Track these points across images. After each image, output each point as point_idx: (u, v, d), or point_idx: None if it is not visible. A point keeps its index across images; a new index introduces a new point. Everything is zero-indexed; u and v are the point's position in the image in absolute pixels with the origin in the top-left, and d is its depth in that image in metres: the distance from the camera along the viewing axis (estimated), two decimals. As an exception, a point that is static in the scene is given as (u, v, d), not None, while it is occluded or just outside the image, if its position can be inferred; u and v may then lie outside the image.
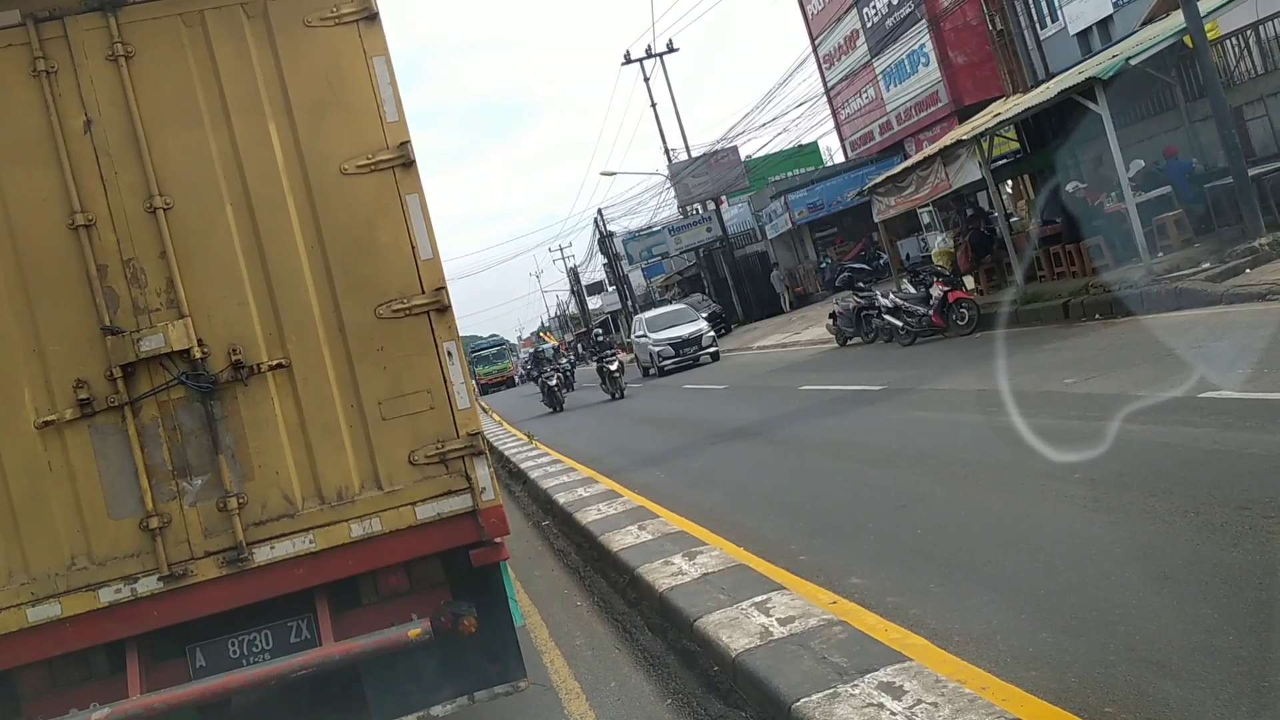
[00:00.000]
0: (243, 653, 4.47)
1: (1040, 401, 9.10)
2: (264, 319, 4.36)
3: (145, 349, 4.22)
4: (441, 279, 4.47)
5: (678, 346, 27.52)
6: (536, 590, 7.60)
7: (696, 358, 27.27)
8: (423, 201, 4.47)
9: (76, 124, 4.30)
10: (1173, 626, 4.01)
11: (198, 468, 4.32)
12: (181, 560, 4.27)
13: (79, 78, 4.31)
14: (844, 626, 4.43)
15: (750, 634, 4.55)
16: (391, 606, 4.56)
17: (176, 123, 4.36)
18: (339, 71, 4.46)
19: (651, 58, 41.28)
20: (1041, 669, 3.93)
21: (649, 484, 10.20)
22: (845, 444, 10.13)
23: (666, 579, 5.81)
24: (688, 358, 27.33)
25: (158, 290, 4.30)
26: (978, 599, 4.89)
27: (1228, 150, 13.11)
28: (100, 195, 4.29)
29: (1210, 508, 5.19)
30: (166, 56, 4.37)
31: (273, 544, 4.32)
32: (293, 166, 4.40)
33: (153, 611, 4.27)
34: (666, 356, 27.51)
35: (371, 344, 4.39)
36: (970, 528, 6.08)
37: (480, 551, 4.51)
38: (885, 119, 31.91)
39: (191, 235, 4.34)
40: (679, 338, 27.74)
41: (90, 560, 4.25)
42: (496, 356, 64.23)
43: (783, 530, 7.18)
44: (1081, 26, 21.99)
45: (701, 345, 27.43)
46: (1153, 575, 4.57)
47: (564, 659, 5.84)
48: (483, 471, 4.47)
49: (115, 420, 4.27)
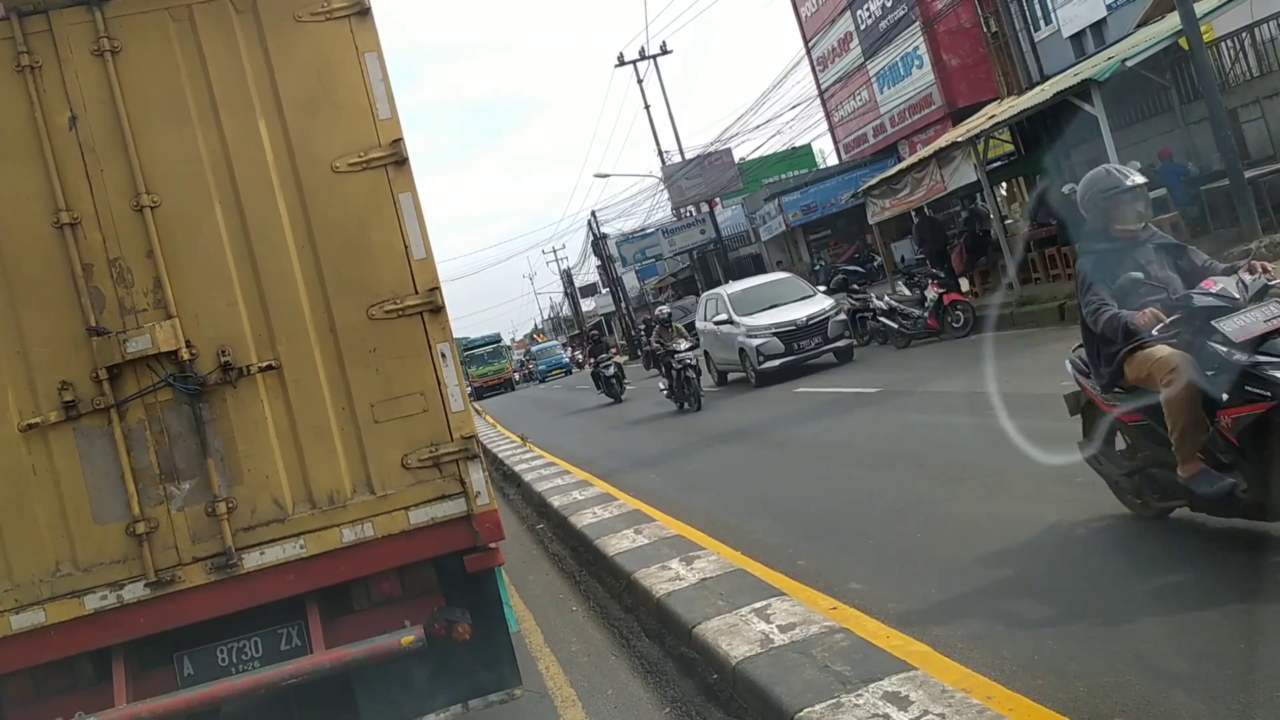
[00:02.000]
0: (232, 660, 4.38)
1: (1038, 404, 8.99)
2: (253, 320, 4.26)
3: (132, 350, 4.12)
4: (435, 279, 4.38)
5: (790, 337, 17.14)
6: (531, 595, 7.51)
7: (816, 353, 17.29)
8: (416, 200, 4.39)
9: (61, 120, 4.21)
10: (1182, 634, 3.93)
11: (185, 471, 4.23)
12: (169, 566, 4.18)
13: (64, 73, 4.22)
14: (846, 634, 4.35)
15: (750, 641, 4.47)
16: (384, 613, 4.47)
17: (164, 119, 4.27)
18: (330, 67, 4.37)
19: (645, 60, 41.19)
20: (1048, 677, 3.85)
21: (644, 487, 10.11)
22: (842, 447, 10.06)
23: (664, 584, 5.72)
24: (806, 354, 17.19)
25: (145, 290, 4.21)
26: (980, 605, 4.81)
27: (1224, 153, 13.08)
28: (86, 193, 4.20)
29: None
30: (154, 51, 4.28)
31: (262, 549, 4.23)
32: (283, 164, 4.31)
33: (139, 618, 4.18)
34: (771, 353, 17.13)
35: (364, 345, 4.31)
36: (971, 532, 6.00)
37: (475, 557, 4.42)
38: (879, 121, 31.92)
39: (179, 234, 4.24)
40: (790, 324, 17.21)
41: (75, 566, 4.16)
42: (492, 356, 57.07)
43: (780, 534, 7.10)
44: (1075, 29, 21.99)
45: (828, 336, 17.18)
46: (1161, 582, 4.50)
47: (559, 666, 5.75)
48: (477, 475, 4.38)
49: (101, 423, 4.17)
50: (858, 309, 18.92)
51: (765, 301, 18.28)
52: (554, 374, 54.77)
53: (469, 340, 56.76)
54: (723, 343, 18.64)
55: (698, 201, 41.60)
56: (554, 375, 54.48)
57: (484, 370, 54.45)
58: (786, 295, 18.51)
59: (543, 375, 55.88)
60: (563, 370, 55.42)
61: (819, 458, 9.82)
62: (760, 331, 17.31)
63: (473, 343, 57.05)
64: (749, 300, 18.57)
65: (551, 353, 60.79)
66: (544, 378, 55.13)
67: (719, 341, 18.90)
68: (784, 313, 17.54)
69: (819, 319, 17.18)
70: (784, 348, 16.98)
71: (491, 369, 55.32)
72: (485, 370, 54.59)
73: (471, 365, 52.51)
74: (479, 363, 54.35)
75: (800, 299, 18.21)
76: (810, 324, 17.08)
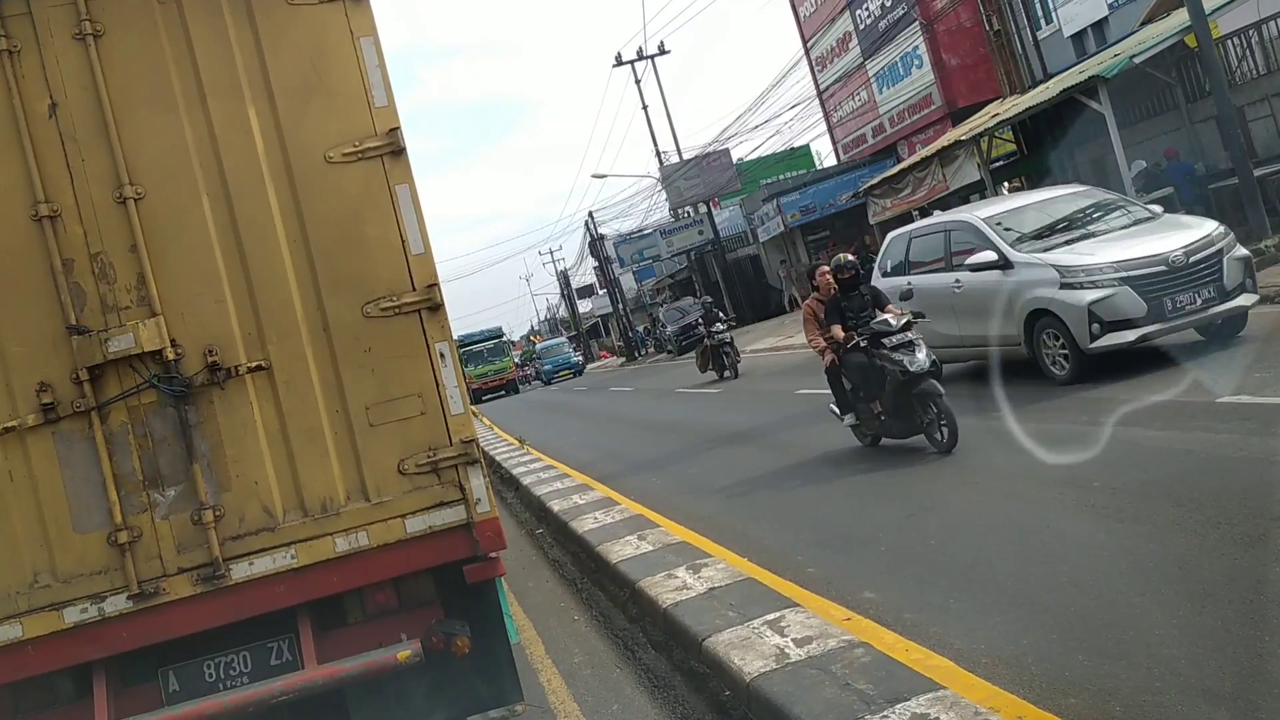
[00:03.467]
0: (219, 676, 4.19)
1: (1048, 405, 8.83)
2: (242, 318, 4.07)
3: (114, 350, 3.93)
4: (434, 275, 4.18)
5: (1154, 287, 8.76)
6: (531, 603, 7.30)
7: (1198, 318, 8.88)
8: (414, 192, 4.18)
9: (41, 107, 4.02)
10: (1221, 650, 3.73)
11: (170, 478, 4.03)
12: (153, 578, 3.99)
13: (44, 58, 4.03)
14: (866, 648, 4.14)
15: (765, 656, 4.26)
16: (379, 626, 4.28)
17: (149, 107, 4.07)
18: (324, 53, 4.17)
19: (643, 60, 41.06)
20: (1081, 695, 3.65)
21: (645, 490, 9.91)
22: (846, 450, 9.84)
23: (670, 593, 5.52)
24: (1182, 318, 8.82)
25: (128, 287, 4.01)
26: (1002, 616, 4.61)
27: (1233, 151, 12.92)
28: (66, 184, 4.00)
29: (1244, 519, 4.92)
30: (138, 35, 4.08)
31: (251, 559, 4.04)
32: (274, 154, 4.11)
33: (122, 632, 4.00)
34: (1119, 316, 8.81)
35: (358, 345, 4.10)
36: (987, 539, 5.81)
37: (475, 567, 4.23)
38: (878, 121, 31.70)
39: (164, 227, 4.05)
40: (1155, 261, 8.80)
41: (54, 577, 3.97)
42: (492, 354, 48.42)
43: (787, 540, 6.90)
44: (1076, 28, 21.81)
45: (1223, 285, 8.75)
46: (1191, 592, 4.30)
47: (562, 678, 5.54)
48: (477, 481, 4.18)
49: (81, 426, 3.98)
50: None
51: (1067, 228, 9.94)
52: (561, 375, 49.28)
53: (467, 336, 48.55)
54: (976, 305, 10.15)
55: (695, 202, 41.43)
56: (561, 376, 48.95)
57: (483, 370, 46.84)
58: (1106, 219, 10.00)
59: (549, 376, 50.21)
60: (570, 371, 49.59)
61: (823, 461, 9.61)
62: (1096, 276, 8.91)
63: (471, 338, 48.56)
64: (1038, 225, 10.06)
65: (558, 351, 54.57)
66: (550, 379, 49.68)
67: (966, 303, 10.38)
68: (1135, 244, 9.20)
69: (1203, 251, 8.87)
70: (1144, 307, 8.73)
71: (492, 368, 47.57)
72: (485, 370, 46.96)
73: (468, 364, 44.70)
74: (477, 361, 46.72)
75: (1137, 225, 9.72)
76: (1193, 263, 8.78)
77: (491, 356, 48.15)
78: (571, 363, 51.04)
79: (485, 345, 48.57)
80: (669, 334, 37.85)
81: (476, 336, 49.27)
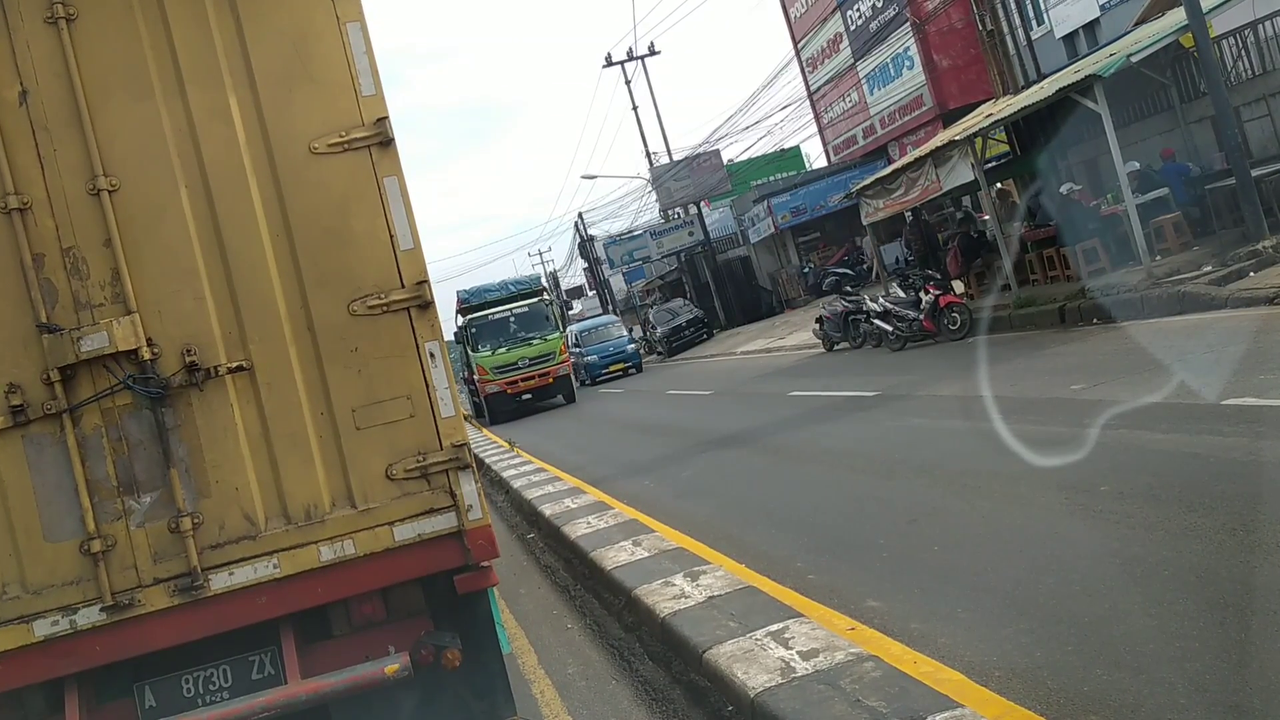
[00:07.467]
0: (198, 691, 4.01)
1: (1048, 408, 8.69)
2: (222, 316, 3.89)
3: (87, 349, 3.75)
4: (423, 271, 4.00)
5: None
6: (523, 610, 7.11)
7: None
8: (402, 184, 4.00)
9: (11, 95, 3.84)
10: (1247, 665, 3.57)
11: (146, 484, 3.84)
12: (127, 588, 3.81)
13: (14, 42, 3.85)
14: (875, 662, 3.97)
15: (769, 670, 4.08)
16: (366, 638, 4.10)
17: (124, 94, 3.89)
18: (308, 39, 4.00)
19: (633, 60, 40.87)
20: (1102, 712, 3.49)
21: (638, 494, 9.73)
22: (842, 453, 9.68)
23: (668, 602, 5.34)
24: None
25: (101, 283, 3.83)
26: (1013, 627, 4.44)
27: (1230, 152, 12.80)
28: (37, 175, 3.82)
29: (1260, 525, 4.77)
30: (113, 19, 3.90)
31: (231, 569, 3.85)
32: (256, 144, 3.94)
33: (95, 646, 3.82)
34: None
35: (344, 344, 3.92)
36: (992, 545, 5.65)
37: (466, 577, 4.05)
38: (869, 123, 31.63)
39: (140, 221, 3.86)
40: None
41: (24, 588, 3.79)
42: (528, 323, 26.23)
43: (786, 546, 6.73)
44: (1068, 30, 21.73)
45: None
46: (1211, 603, 4.14)
47: (555, 690, 5.36)
48: (469, 487, 4.00)
49: (52, 430, 3.79)
50: (850, 311, 18.71)
51: None
52: (611, 370, 32.13)
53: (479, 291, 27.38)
54: None
55: (686, 203, 41.24)
56: (610, 372, 32.08)
57: (516, 354, 25.55)
58: None
59: (594, 371, 32.24)
60: (625, 364, 32.35)
61: (819, 464, 9.45)
62: None
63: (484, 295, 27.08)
64: None
65: (606, 335, 34.37)
66: (596, 374, 32.18)
67: None
68: None
69: None
70: None
71: (531, 351, 25.63)
72: (519, 354, 25.54)
73: (485, 345, 25.94)
74: (502, 337, 25.99)
75: None
76: None
77: (528, 330, 26.10)
78: (625, 350, 32.98)
79: (514, 309, 26.45)
80: (659, 335, 37.63)
81: (493, 291, 27.25)
